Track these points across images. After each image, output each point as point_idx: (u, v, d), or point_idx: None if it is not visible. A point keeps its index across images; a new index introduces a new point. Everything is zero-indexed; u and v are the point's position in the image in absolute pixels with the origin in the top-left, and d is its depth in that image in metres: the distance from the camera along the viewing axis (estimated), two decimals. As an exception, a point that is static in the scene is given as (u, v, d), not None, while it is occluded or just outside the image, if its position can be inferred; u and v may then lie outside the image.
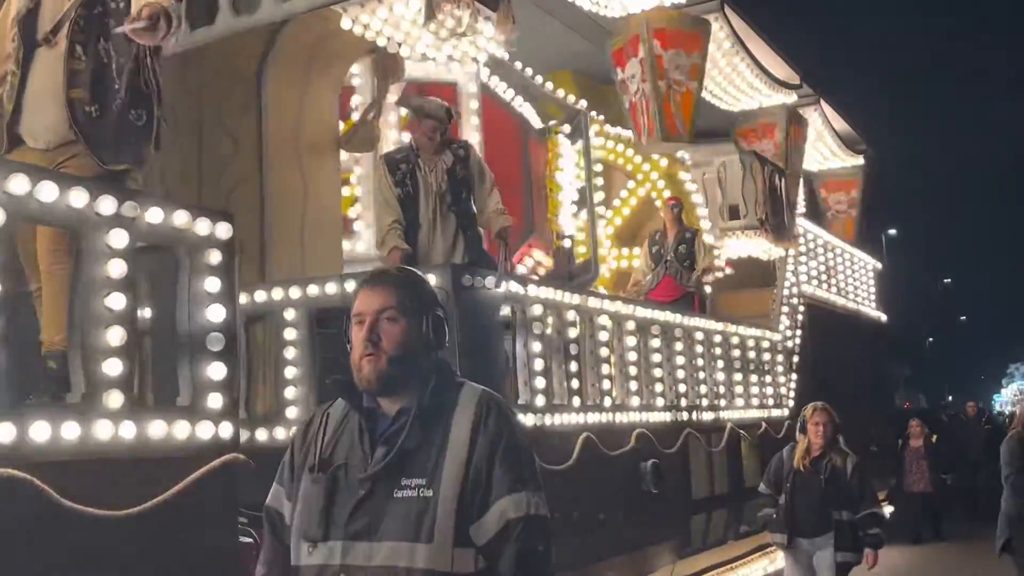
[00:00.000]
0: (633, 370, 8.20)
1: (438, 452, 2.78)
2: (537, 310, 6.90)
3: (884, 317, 16.22)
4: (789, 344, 11.94)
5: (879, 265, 16.30)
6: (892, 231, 55.96)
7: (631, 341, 8.22)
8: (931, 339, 72.67)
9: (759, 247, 11.64)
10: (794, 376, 11.89)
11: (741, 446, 10.14)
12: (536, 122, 9.62)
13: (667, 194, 11.26)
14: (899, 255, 57.12)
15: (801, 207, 15.21)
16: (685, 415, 8.96)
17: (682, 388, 9.04)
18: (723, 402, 9.84)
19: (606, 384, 7.74)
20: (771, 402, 11.07)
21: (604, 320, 7.80)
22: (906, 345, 58.94)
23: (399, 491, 2.72)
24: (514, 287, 6.67)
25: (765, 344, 11.10)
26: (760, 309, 12.19)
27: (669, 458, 8.46)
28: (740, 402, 10.24)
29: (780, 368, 11.51)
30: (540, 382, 6.84)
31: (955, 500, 15.99)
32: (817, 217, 15.80)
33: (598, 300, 7.76)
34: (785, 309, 11.98)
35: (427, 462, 2.77)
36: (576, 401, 7.27)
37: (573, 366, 7.31)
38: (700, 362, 9.48)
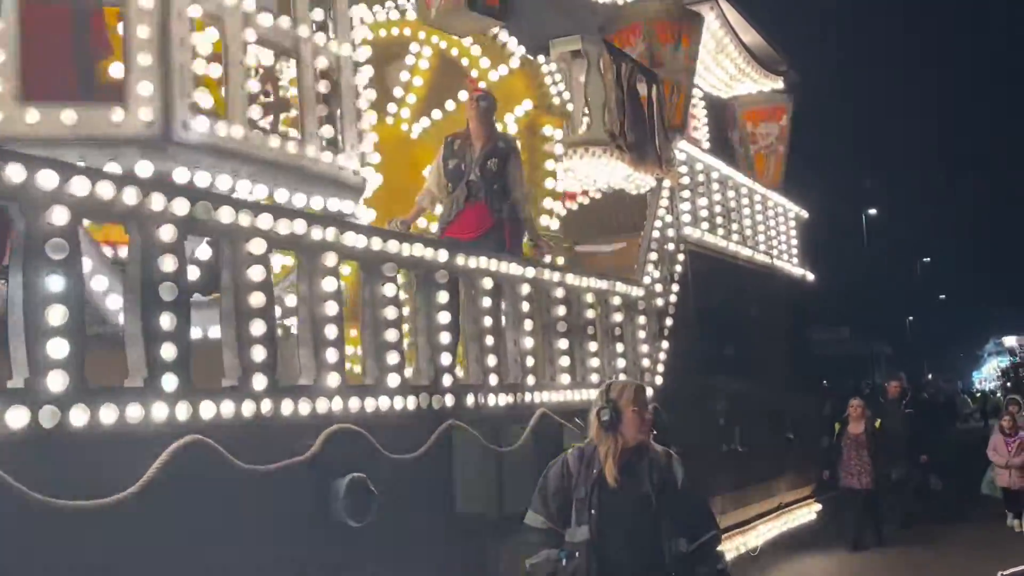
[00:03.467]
0: (332, 331, 5.05)
1: None
2: (60, 217, 3.74)
3: (810, 276, 13.07)
4: (658, 302, 8.80)
5: (804, 213, 13.12)
6: (872, 211, 53.60)
7: (329, 285, 5.07)
8: (911, 318, 70.58)
9: (614, 172, 8.48)
10: (664, 344, 8.75)
11: (564, 441, 7.02)
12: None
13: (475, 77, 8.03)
14: (879, 234, 54.68)
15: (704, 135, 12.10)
16: (449, 399, 5.81)
17: (446, 360, 5.90)
18: (532, 379, 6.70)
19: (259, 354, 4.59)
20: (624, 378, 7.94)
21: (257, 247, 4.63)
22: (886, 324, 56.51)
23: None
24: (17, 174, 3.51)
25: (615, 301, 7.96)
26: (632, 260, 9.06)
27: (407, 467, 5.33)
28: (565, 379, 7.11)
29: (642, 334, 8.38)
30: (57, 348, 3.67)
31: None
32: (728, 153, 12.64)
33: (247, 215, 4.58)
34: (653, 256, 8.83)
35: None
36: (171, 382, 4.12)
37: (167, 321, 4.15)
38: (489, 322, 6.34)
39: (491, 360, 6.30)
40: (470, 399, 6.02)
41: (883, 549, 12.32)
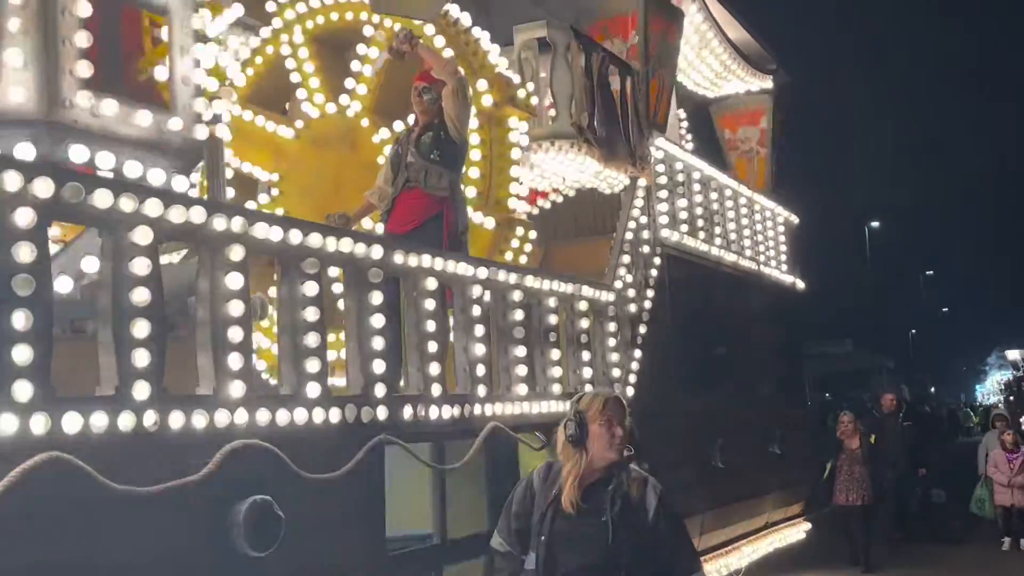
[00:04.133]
0: (236, 334, 4.45)
1: None
2: None
3: (800, 284, 12.45)
4: (631, 308, 8.19)
5: (794, 219, 12.51)
6: (875, 223, 53.21)
7: (235, 282, 4.47)
8: (913, 331, 70.06)
9: (582, 168, 7.89)
10: (637, 353, 8.14)
11: (519, 458, 6.43)
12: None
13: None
14: (882, 247, 54.14)
15: (682, 132, 11.50)
16: (382, 411, 5.21)
17: (380, 368, 5.30)
18: (483, 390, 6.10)
19: (142, 359, 3.99)
20: (591, 389, 7.34)
21: (143, 237, 4.04)
22: (889, 337, 56.04)
23: None
24: None
25: (582, 306, 7.35)
26: (605, 263, 8.46)
27: (327, 488, 4.73)
28: (522, 390, 6.50)
29: (612, 341, 7.77)
30: None
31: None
32: (715, 154, 12.06)
33: (130, 200, 3.98)
34: (626, 259, 8.23)
35: None
36: (24, 390, 3.53)
37: (20, 320, 3.56)
38: (432, 326, 5.74)
39: (434, 368, 5.70)
40: (408, 411, 5.41)
41: (878, 570, 11.71)
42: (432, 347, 5.71)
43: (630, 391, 7.91)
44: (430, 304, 5.73)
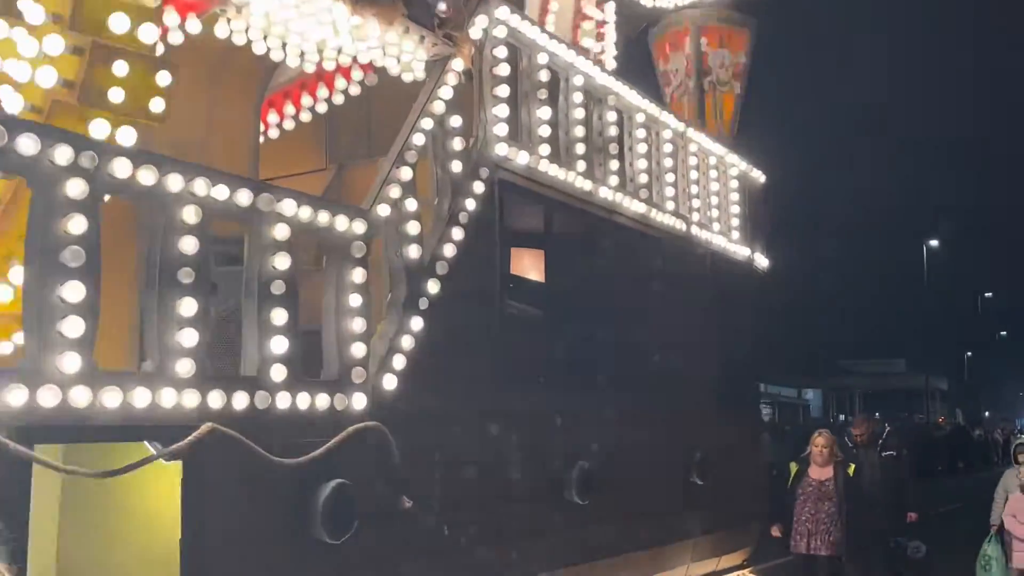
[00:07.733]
0: None
1: None
2: None
3: (762, 261, 9.10)
4: (411, 253, 5.01)
5: (758, 175, 9.16)
6: (934, 242, 49.76)
7: None
8: (968, 353, 66.49)
9: (320, 17, 4.73)
10: (416, 323, 4.95)
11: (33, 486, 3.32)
12: None
13: None
14: (940, 266, 50.60)
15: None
16: None
17: None
18: None
19: None
20: (278, 374, 4.19)
21: None
22: (944, 358, 53.32)
23: None
24: None
25: (277, 232, 4.21)
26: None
27: None
28: (72, 364, 3.38)
29: (356, 300, 4.61)
30: None
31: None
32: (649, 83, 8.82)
33: None
34: (406, 175, 5.03)
35: None
36: None
37: None
38: None
39: None
40: None
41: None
42: None
43: (391, 382, 4.74)
44: None
